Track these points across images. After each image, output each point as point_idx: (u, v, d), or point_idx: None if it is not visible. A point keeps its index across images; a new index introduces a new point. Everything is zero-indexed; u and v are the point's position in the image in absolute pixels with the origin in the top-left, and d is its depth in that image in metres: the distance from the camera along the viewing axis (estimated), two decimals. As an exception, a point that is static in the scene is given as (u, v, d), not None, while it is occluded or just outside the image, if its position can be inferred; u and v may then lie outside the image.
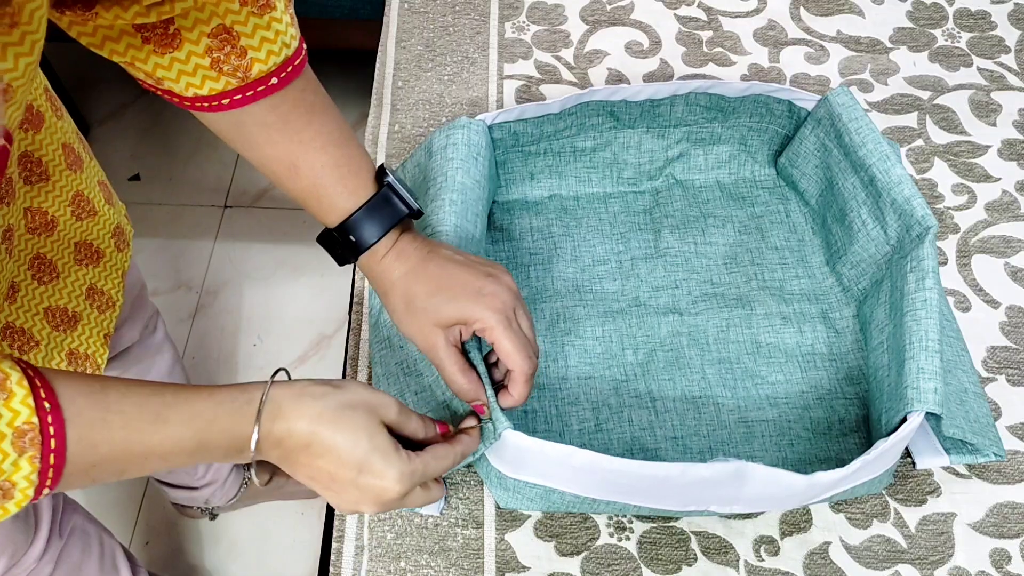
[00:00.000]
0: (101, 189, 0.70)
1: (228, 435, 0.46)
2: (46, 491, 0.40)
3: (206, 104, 0.52)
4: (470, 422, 0.56)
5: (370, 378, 0.68)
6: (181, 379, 1.04)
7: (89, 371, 0.67)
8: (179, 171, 1.71)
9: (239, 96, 0.52)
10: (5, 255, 0.60)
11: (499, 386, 0.57)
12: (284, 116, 0.54)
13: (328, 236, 0.57)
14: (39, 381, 0.40)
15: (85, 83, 1.80)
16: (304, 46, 0.54)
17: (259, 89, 0.52)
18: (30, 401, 0.39)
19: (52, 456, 0.39)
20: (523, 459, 0.55)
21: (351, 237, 0.55)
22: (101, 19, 0.48)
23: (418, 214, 0.57)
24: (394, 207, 0.55)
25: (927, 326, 0.58)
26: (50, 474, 0.40)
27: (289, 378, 0.50)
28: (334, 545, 0.62)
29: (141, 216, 1.64)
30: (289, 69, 0.53)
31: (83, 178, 0.66)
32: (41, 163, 0.62)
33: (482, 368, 0.56)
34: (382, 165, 0.57)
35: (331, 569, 0.61)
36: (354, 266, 0.74)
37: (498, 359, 0.57)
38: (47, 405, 0.39)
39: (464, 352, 0.56)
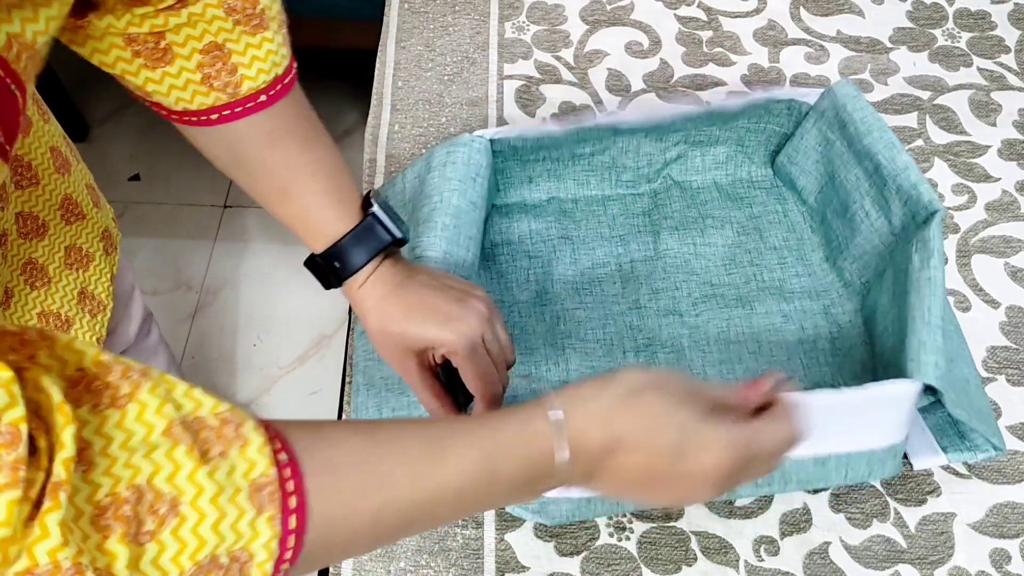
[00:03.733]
0: (89, 192, 0.69)
1: (521, 455, 0.40)
2: (285, 567, 0.33)
3: (194, 119, 0.52)
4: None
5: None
6: None
7: None
8: (179, 171, 1.71)
9: (228, 112, 0.52)
10: (0, 260, 0.59)
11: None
12: (279, 141, 0.54)
13: (314, 261, 0.57)
14: (270, 431, 0.34)
15: (85, 83, 1.79)
16: (294, 65, 0.55)
17: (248, 106, 0.52)
18: (267, 450, 0.33)
19: (293, 518, 0.33)
20: None
21: (336, 264, 0.55)
22: (92, 28, 0.48)
23: (402, 242, 0.56)
24: (378, 236, 0.55)
25: (930, 302, 0.58)
26: (291, 542, 0.33)
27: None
28: (334, 546, 0.62)
29: (141, 216, 1.65)
30: (279, 87, 0.53)
31: (71, 181, 0.66)
32: (31, 167, 0.62)
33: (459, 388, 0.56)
34: (368, 192, 0.58)
35: (331, 569, 0.61)
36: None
37: None
38: (283, 457, 0.34)
39: (438, 376, 0.57)
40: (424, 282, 0.56)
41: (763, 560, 0.61)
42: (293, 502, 0.33)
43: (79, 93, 1.77)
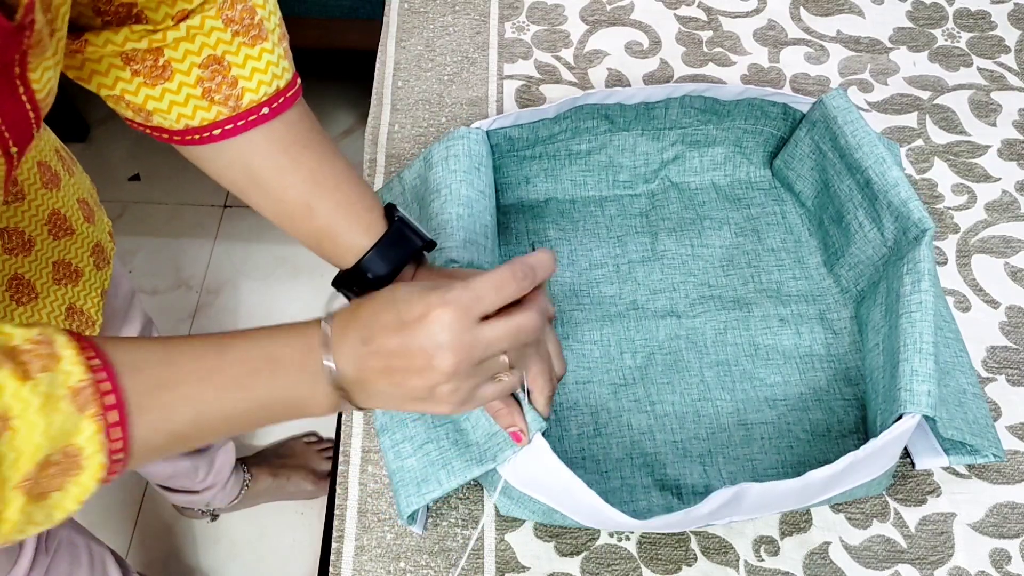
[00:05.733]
0: (80, 207, 0.68)
1: (296, 341, 0.44)
2: (119, 456, 0.38)
3: (196, 136, 0.52)
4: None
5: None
6: None
7: None
8: (179, 171, 1.71)
9: (230, 126, 0.51)
10: None
11: None
12: (296, 158, 0.54)
13: (344, 279, 0.57)
14: (82, 341, 0.39)
15: (85, 83, 1.79)
16: (298, 80, 0.54)
17: (251, 119, 0.52)
18: (80, 359, 0.38)
19: (114, 412, 0.38)
20: (535, 472, 0.55)
21: (369, 275, 0.55)
22: (91, 47, 0.48)
23: (431, 246, 0.57)
24: (408, 240, 0.56)
25: (921, 328, 0.58)
26: (116, 433, 0.38)
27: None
28: (334, 545, 0.62)
29: (141, 216, 1.65)
30: (281, 100, 0.52)
31: (60, 196, 0.65)
32: (16, 182, 0.62)
33: (521, 395, 0.55)
34: (390, 203, 0.58)
35: (331, 569, 0.61)
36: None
37: None
38: (96, 362, 0.38)
39: None
40: None
41: (763, 560, 0.61)
42: (111, 399, 0.38)
43: (79, 93, 1.76)
